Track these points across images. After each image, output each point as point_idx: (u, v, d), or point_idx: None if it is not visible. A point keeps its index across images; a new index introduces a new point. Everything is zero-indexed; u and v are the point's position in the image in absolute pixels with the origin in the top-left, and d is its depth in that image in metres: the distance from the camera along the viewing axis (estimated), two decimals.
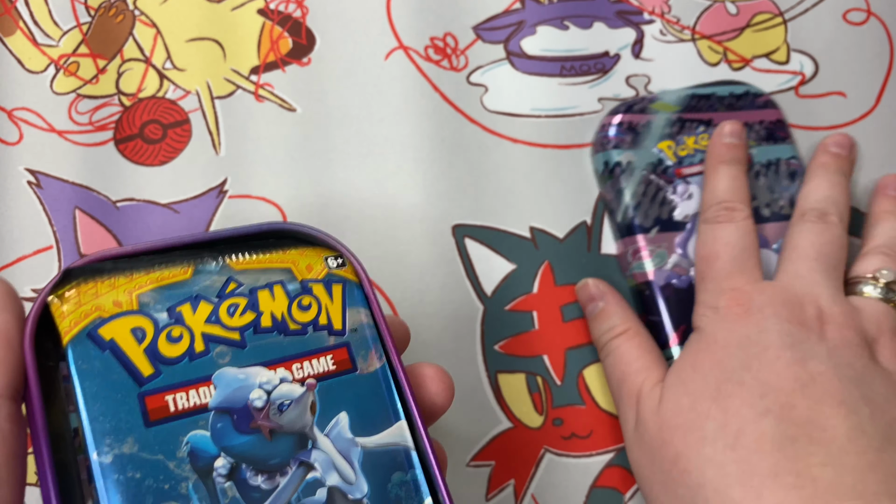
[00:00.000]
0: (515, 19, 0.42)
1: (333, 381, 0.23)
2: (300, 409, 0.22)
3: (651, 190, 0.37)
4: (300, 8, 0.41)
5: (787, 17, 0.43)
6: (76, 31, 0.40)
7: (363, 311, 0.24)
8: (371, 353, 0.24)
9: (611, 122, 0.38)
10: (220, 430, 0.21)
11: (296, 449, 0.22)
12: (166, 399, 0.21)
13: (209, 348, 0.22)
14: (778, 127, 0.40)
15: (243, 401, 0.22)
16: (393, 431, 0.23)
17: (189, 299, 0.22)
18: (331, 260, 0.25)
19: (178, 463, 0.20)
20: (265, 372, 0.22)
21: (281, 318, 0.23)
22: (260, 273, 0.23)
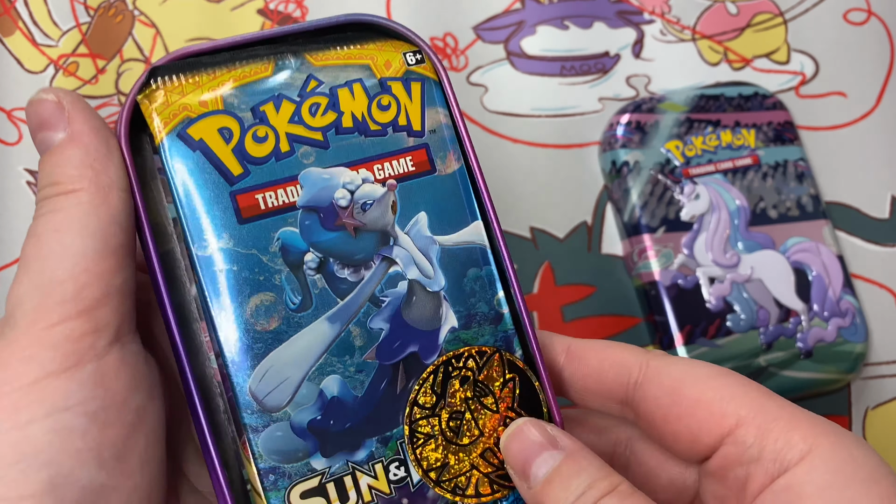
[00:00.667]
0: (515, 19, 0.42)
1: (413, 182, 0.23)
2: (382, 209, 0.23)
3: (658, 190, 0.37)
4: (300, 8, 0.41)
5: (787, 17, 0.43)
6: (75, 32, 0.40)
7: (442, 112, 0.24)
8: (450, 154, 0.24)
9: (619, 121, 0.38)
10: (309, 227, 0.22)
11: (378, 245, 0.23)
12: (256, 197, 0.22)
13: (294, 148, 0.23)
14: (786, 128, 0.40)
15: (329, 200, 0.23)
16: (469, 231, 0.24)
17: (272, 98, 0.23)
18: (409, 56, 0.24)
19: (270, 257, 0.22)
20: (348, 172, 0.23)
21: (361, 118, 0.23)
22: (339, 70, 0.24)
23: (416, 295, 0.23)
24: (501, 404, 0.23)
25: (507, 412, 0.23)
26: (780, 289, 0.37)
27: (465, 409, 0.23)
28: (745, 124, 0.39)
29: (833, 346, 0.36)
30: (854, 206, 0.40)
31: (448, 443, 0.23)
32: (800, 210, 0.38)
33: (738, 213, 0.38)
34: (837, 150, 0.41)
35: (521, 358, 0.24)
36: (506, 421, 0.23)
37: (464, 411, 0.23)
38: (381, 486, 0.22)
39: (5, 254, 0.36)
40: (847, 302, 0.37)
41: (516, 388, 0.24)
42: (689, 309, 0.36)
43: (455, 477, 0.23)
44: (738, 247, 0.37)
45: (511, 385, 0.24)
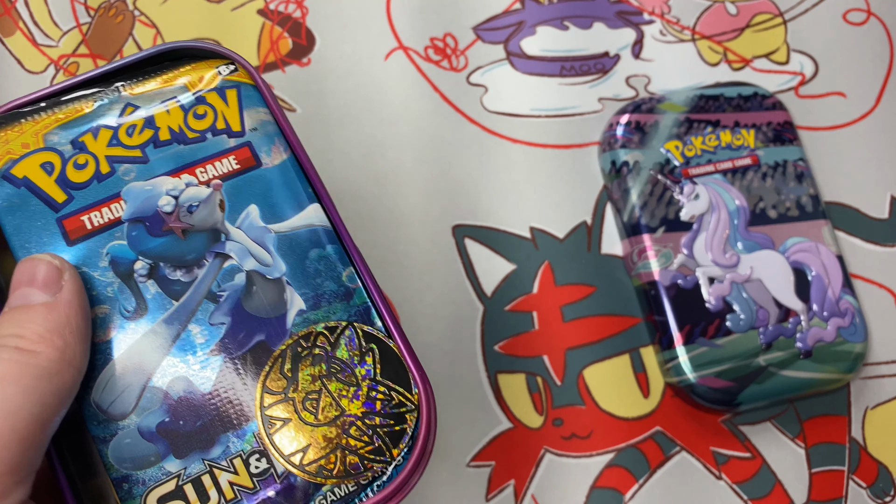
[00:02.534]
0: (515, 19, 0.42)
1: (239, 179, 0.24)
2: (209, 208, 0.24)
3: (658, 190, 0.37)
4: (300, 8, 0.41)
5: (787, 17, 0.43)
6: (76, 32, 0.40)
7: (262, 110, 0.25)
8: (274, 147, 0.25)
9: (618, 121, 0.38)
10: (136, 237, 0.23)
11: (210, 243, 0.24)
12: (82, 219, 0.23)
13: (114, 168, 0.24)
14: (786, 129, 0.40)
15: (153, 209, 0.24)
16: (305, 214, 0.25)
17: (90, 129, 0.24)
18: (223, 68, 0.26)
19: (101, 272, 0.23)
20: (170, 180, 0.24)
21: (178, 129, 0.25)
22: (155, 94, 0.25)
23: (257, 284, 0.23)
24: (363, 376, 0.23)
25: (371, 383, 0.23)
26: (779, 289, 0.37)
27: (320, 387, 0.23)
28: (744, 124, 0.39)
29: (832, 346, 0.36)
30: (853, 206, 0.40)
31: (305, 424, 0.22)
32: (799, 210, 0.38)
33: (737, 213, 0.38)
34: (837, 150, 0.41)
35: (380, 329, 0.24)
36: (370, 394, 0.23)
37: (320, 390, 0.23)
38: (243, 481, 0.22)
39: None
40: (846, 302, 0.37)
41: (376, 358, 0.23)
42: (689, 309, 0.36)
43: (319, 459, 0.22)
44: (738, 247, 0.37)
45: (371, 356, 0.23)
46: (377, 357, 0.23)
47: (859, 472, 0.37)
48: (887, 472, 0.37)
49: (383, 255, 0.37)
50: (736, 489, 0.36)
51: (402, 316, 0.37)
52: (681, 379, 0.35)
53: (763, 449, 0.37)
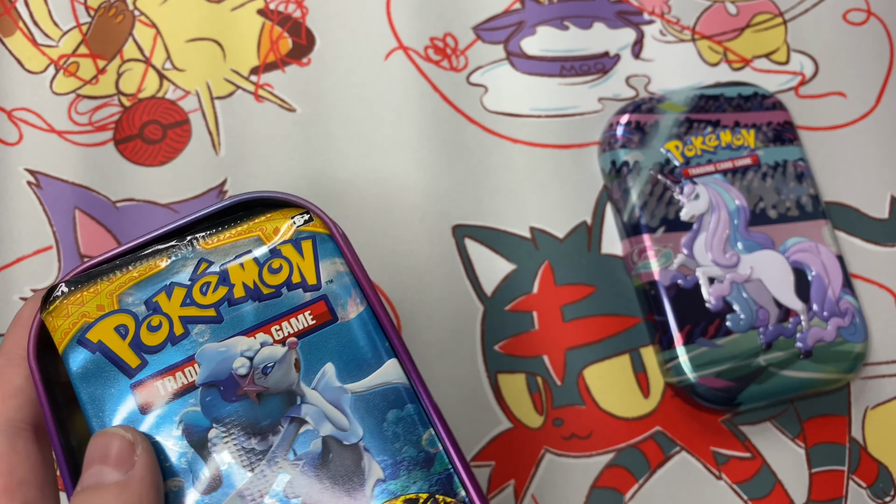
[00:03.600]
0: (515, 19, 0.42)
1: (315, 335, 0.23)
2: (284, 369, 0.23)
3: (658, 190, 0.37)
4: (300, 8, 0.41)
5: (787, 17, 0.43)
6: (76, 32, 0.40)
7: (338, 261, 0.24)
8: (350, 300, 0.24)
9: (618, 121, 0.38)
10: (210, 403, 0.22)
11: (285, 407, 0.22)
12: (156, 385, 0.22)
13: (188, 329, 0.23)
14: (786, 129, 0.40)
15: (227, 372, 0.23)
16: (383, 371, 0.23)
17: (164, 288, 0.23)
18: (297, 218, 0.25)
19: (175, 441, 0.22)
20: (245, 340, 0.23)
21: (253, 285, 0.24)
22: (230, 248, 0.24)
23: (333, 451, 0.22)
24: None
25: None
26: (779, 289, 0.37)
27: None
28: (744, 124, 0.39)
29: (832, 346, 0.36)
30: (853, 206, 0.40)
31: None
32: (799, 210, 0.38)
33: (737, 213, 0.38)
34: (837, 150, 0.41)
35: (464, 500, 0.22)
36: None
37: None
38: None
39: (5, 254, 0.36)
40: (846, 302, 0.37)
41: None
42: (689, 309, 0.36)
43: None
44: (738, 247, 0.37)
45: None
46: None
47: (859, 472, 0.37)
48: (887, 472, 0.37)
49: (383, 255, 0.37)
50: (736, 489, 0.36)
51: (402, 316, 0.37)
52: (681, 379, 0.35)
53: (763, 449, 0.37)
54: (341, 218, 0.38)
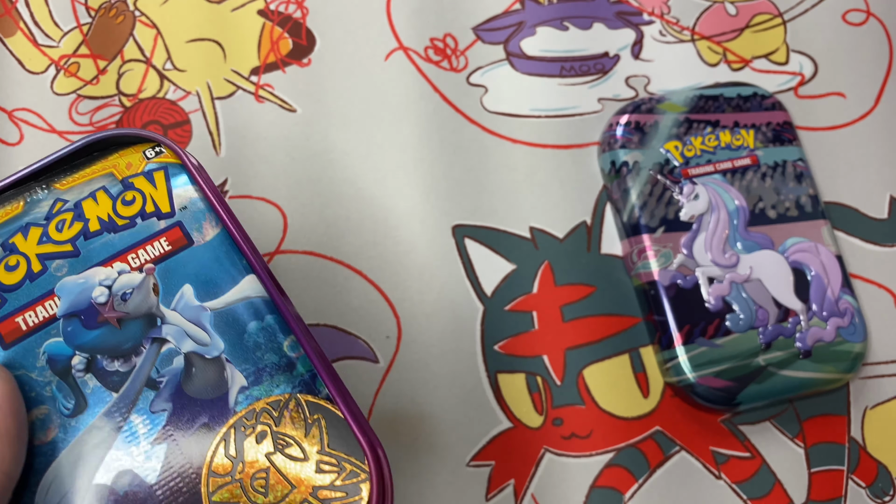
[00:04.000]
0: (515, 20, 0.42)
1: (172, 260, 0.24)
2: (143, 294, 0.24)
3: (657, 190, 0.37)
4: (300, 9, 0.41)
5: (786, 17, 0.43)
6: (76, 32, 0.40)
7: (191, 188, 0.25)
8: (205, 223, 0.25)
9: (618, 121, 0.39)
10: (72, 332, 0.23)
11: (146, 329, 0.23)
12: (16, 321, 0.23)
13: (46, 266, 0.24)
14: (785, 129, 0.40)
15: (87, 301, 0.23)
16: (240, 287, 0.24)
17: (20, 229, 0.24)
18: (149, 151, 0.26)
19: (39, 372, 0.23)
20: (103, 270, 0.24)
21: (108, 218, 0.25)
22: (84, 185, 0.25)
23: (196, 366, 0.23)
24: (312, 449, 0.22)
25: (321, 455, 0.22)
26: (778, 289, 0.37)
27: (268, 465, 0.22)
28: (744, 125, 0.39)
29: (832, 346, 0.36)
30: (853, 207, 0.40)
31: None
32: (799, 210, 0.38)
33: (737, 213, 0.38)
34: (836, 150, 0.41)
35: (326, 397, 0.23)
36: (320, 466, 0.22)
37: (267, 468, 0.22)
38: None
39: None
40: (846, 302, 0.37)
41: (323, 428, 0.23)
42: (689, 309, 0.36)
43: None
44: (737, 247, 0.37)
45: (318, 426, 0.23)
46: (324, 427, 0.23)
47: (858, 472, 0.37)
48: (886, 471, 0.37)
49: (383, 255, 0.37)
50: (735, 489, 0.36)
51: (402, 316, 0.37)
52: (680, 379, 0.35)
53: (762, 449, 0.37)
54: (341, 218, 0.38)
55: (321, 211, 0.38)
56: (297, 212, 0.38)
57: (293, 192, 0.38)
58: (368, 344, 0.36)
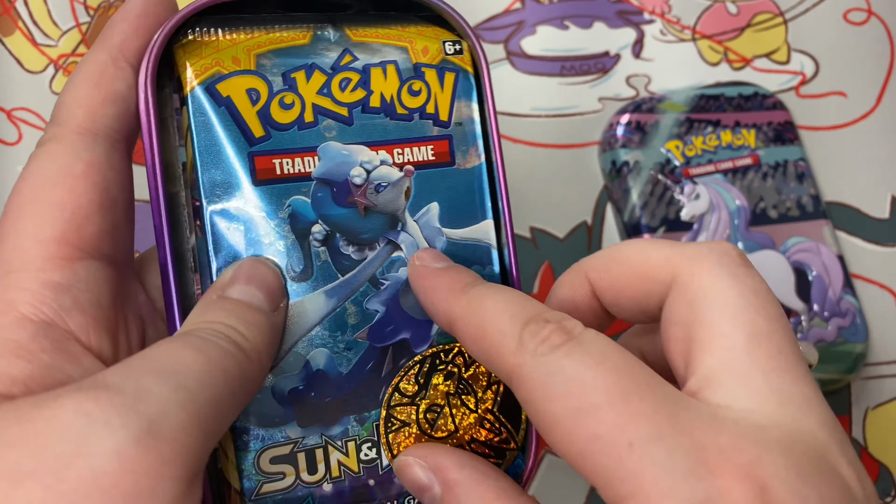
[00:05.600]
0: (515, 19, 0.42)
1: (430, 171, 0.23)
2: (395, 193, 0.23)
3: (658, 189, 0.37)
4: None
5: (787, 17, 0.43)
6: (75, 31, 0.40)
7: (473, 105, 0.24)
8: (472, 149, 0.24)
9: (619, 121, 0.38)
10: (320, 199, 0.22)
11: (386, 228, 0.23)
12: (274, 162, 0.22)
13: (318, 120, 0.23)
14: (786, 128, 0.40)
15: (344, 175, 0.23)
16: (478, 228, 0.24)
17: (304, 67, 0.23)
18: (448, 45, 0.24)
19: (279, 222, 0.22)
20: (368, 151, 0.23)
21: (390, 100, 0.23)
22: (376, 48, 0.24)
23: None
24: (482, 405, 0.23)
25: (487, 414, 0.23)
26: (780, 289, 0.37)
27: (444, 403, 0.23)
28: (745, 124, 0.39)
29: (833, 346, 0.36)
30: (854, 206, 0.40)
31: (422, 433, 0.23)
32: (800, 210, 0.38)
33: (738, 213, 0.38)
34: (837, 150, 0.41)
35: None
36: (483, 422, 0.23)
37: (443, 405, 0.23)
38: (350, 463, 0.22)
39: None
40: (847, 302, 0.37)
41: (499, 392, 0.23)
42: None
43: None
44: (739, 247, 0.37)
45: (495, 388, 0.23)
46: (500, 391, 0.23)
47: None
48: (888, 472, 0.37)
49: None
50: None
51: None
52: None
53: None
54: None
55: None
56: None
57: None
58: None
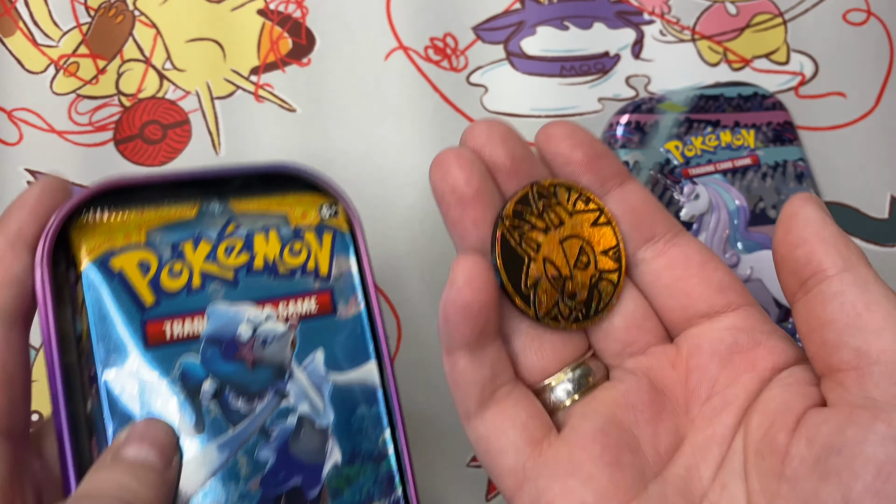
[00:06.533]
0: (515, 20, 0.42)
1: (314, 322, 0.25)
2: (281, 345, 0.25)
3: (658, 190, 0.37)
4: (300, 8, 0.41)
5: (787, 17, 0.43)
6: (76, 32, 0.40)
7: (350, 260, 0.26)
8: (352, 298, 0.26)
9: (618, 121, 0.38)
10: (209, 357, 0.24)
11: (274, 379, 0.24)
12: (164, 327, 0.23)
13: (205, 284, 0.24)
14: (786, 129, 0.40)
15: (232, 333, 0.24)
16: (364, 370, 0.26)
17: (192, 237, 0.25)
18: (325, 208, 0.26)
19: (171, 382, 0.23)
20: (253, 309, 0.25)
21: (273, 261, 0.25)
22: (258, 216, 0.26)
23: (304, 429, 0.24)
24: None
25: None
26: (779, 289, 0.37)
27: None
28: (744, 124, 0.39)
29: None
30: (854, 207, 0.40)
31: None
32: None
33: (737, 213, 0.38)
34: (837, 150, 0.41)
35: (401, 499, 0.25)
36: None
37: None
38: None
39: None
40: None
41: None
42: None
43: None
44: (738, 247, 0.37)
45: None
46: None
47: None
48: None
49: (383, 255, 0.37)
50: None
51: (402, 316, 0.37)
52: None
53: None
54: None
55: None
56: None
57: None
58: None
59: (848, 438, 0.19)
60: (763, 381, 0.22)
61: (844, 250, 0.21)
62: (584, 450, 0.22)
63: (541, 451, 0.23)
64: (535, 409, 0.23)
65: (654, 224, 0.25)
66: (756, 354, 0.23)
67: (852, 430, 0.19)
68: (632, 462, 0.22)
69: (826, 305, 0.21)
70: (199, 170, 0.25)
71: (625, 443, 0.22)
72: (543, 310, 0.23)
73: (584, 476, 0.22)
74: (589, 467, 0.22)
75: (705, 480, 0.22)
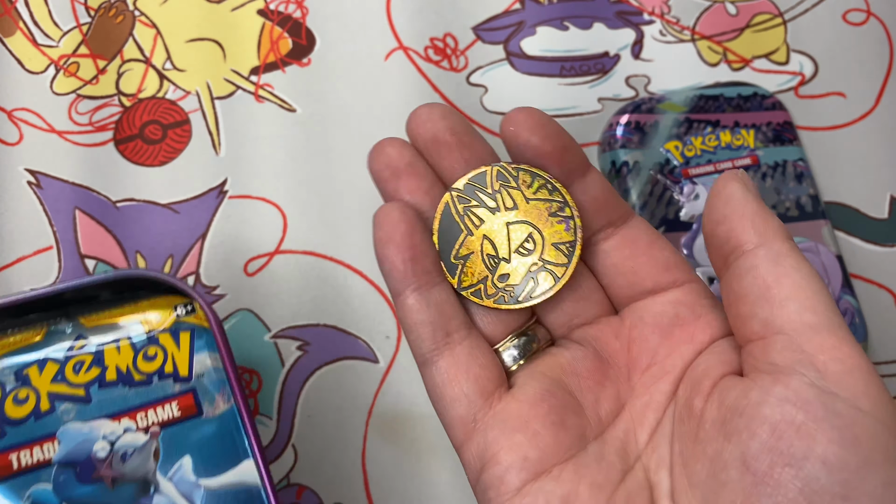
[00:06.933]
0: (515, 20, 0.42)
1: (178, 427, 0.24)
2: (143, 457, 0.23)
3: (657, 190, 0.37)
4: (300, 8, 0.41)
5: (786, 17, 0.43)
6: (76, 32, 0.40)
7: (213, 356, 0.25)
8: (218, 396, 0.24)
9: (618, 121, 0.39)
10: (63, 483, 0.22)
11: (138, 495, 0.23)
12: (10, 458, 0.22)
13: (54, 406, 0.23)
14: (785, 129, 0.40)
15: (87, 453, 0.23)
16: (238, 471, 0.24)
17: (37, 362, 0.23)
18: (180, 308, 0.25)
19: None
20: (109, 424, 0.23)
21: (126, 370, 0.24)
22: (109, 328, 0.24)
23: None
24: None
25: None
26: None
27: None
28: (744, 124, 0.39)
29: None
30: (853, 206, 0.40)
31: None
32: (799, 210, 0.38)
33: None
34: (837, 150, 0.41)
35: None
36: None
37: None
38: None
39: (5, 254, 0.36)
40: (846, 302, 0.37)
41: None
42: None
43: None
44: None
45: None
46: None
47: None
48: None
49: None
50: None
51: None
52: None
53: None
54: (341, 218, 0.38)
55: (321, 211, 0.38)
56: (297, 212, 0.38)
57: (293, 192, 0.38)
58: (368, 344, 0.36)
59: (750, 401, 0.20)
60: (699, 353, 0.24)
61: (761, 225, 0.23)
62: (532, 408, 0.23)
63: (491, 404, 0.23)
64: (488, 360, 0.24)
65: (611, 211, 0.25)
66: (695, 327, 0.24)
67: (754, 392, 0.20)
68: (575, 423, 0.23)
69: (741, 280, 0.22)
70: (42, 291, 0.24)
71: (569, 406, 0.23)
72: (467, 283, 0.24)
73: (530, 432, 0.23)
74: (535, 425, 0.23)
75: (641, 443, 0.23)
